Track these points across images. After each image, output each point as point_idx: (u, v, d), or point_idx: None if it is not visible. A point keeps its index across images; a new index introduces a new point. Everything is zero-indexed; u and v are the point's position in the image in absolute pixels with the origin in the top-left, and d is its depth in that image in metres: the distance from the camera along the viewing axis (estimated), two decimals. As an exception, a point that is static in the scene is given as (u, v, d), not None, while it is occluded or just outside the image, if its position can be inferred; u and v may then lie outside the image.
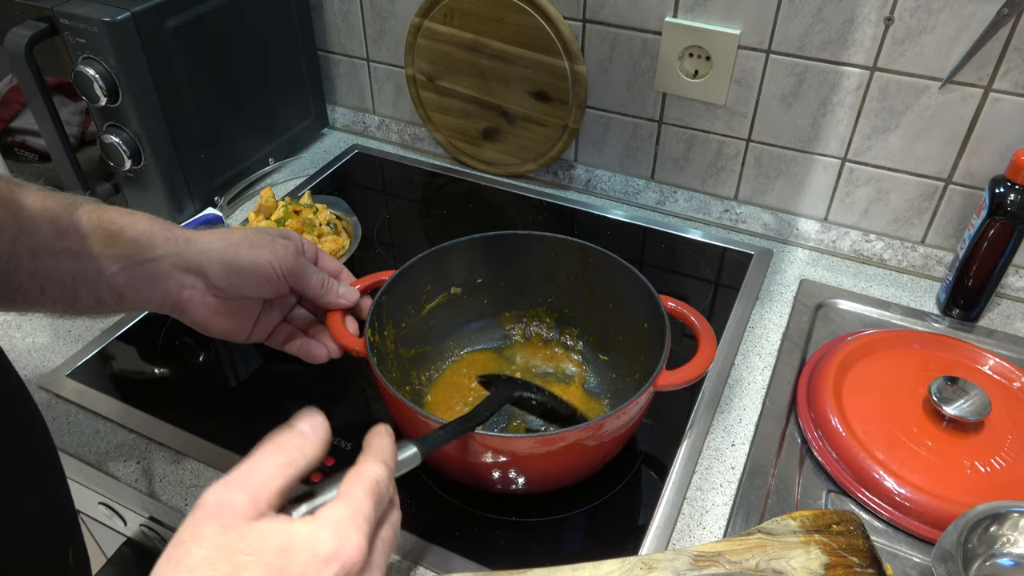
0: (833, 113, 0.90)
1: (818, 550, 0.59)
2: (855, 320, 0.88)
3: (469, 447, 0.60)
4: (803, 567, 0.57)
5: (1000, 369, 0.77)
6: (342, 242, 0.92)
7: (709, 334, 0.67)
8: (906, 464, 0.68)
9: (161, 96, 0.92)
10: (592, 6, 0.96)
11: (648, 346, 0.70)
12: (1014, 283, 0.91)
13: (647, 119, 1.02)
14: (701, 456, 0.73)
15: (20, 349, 0.86)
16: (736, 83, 0.93)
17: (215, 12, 0.96)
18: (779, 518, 0.61)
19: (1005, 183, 0.78)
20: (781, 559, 0.58)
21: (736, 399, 0.78)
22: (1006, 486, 0.66)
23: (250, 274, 0.60)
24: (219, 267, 0.59)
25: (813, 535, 0.60)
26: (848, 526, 0.60)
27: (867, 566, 0.58)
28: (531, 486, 0.66)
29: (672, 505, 0.68)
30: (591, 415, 0.74)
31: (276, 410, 0.79)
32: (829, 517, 0.61)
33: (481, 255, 0.78)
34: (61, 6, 0.85)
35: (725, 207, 1.04)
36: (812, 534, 0.60)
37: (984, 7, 0.78)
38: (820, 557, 0.58)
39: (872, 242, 0.97)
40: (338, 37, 1.18)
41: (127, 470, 0.72)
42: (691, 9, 0.91)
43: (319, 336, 0.69)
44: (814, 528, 0.60)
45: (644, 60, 0.97)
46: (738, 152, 0.99)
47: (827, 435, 0.71)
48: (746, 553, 0.58)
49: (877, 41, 0.84)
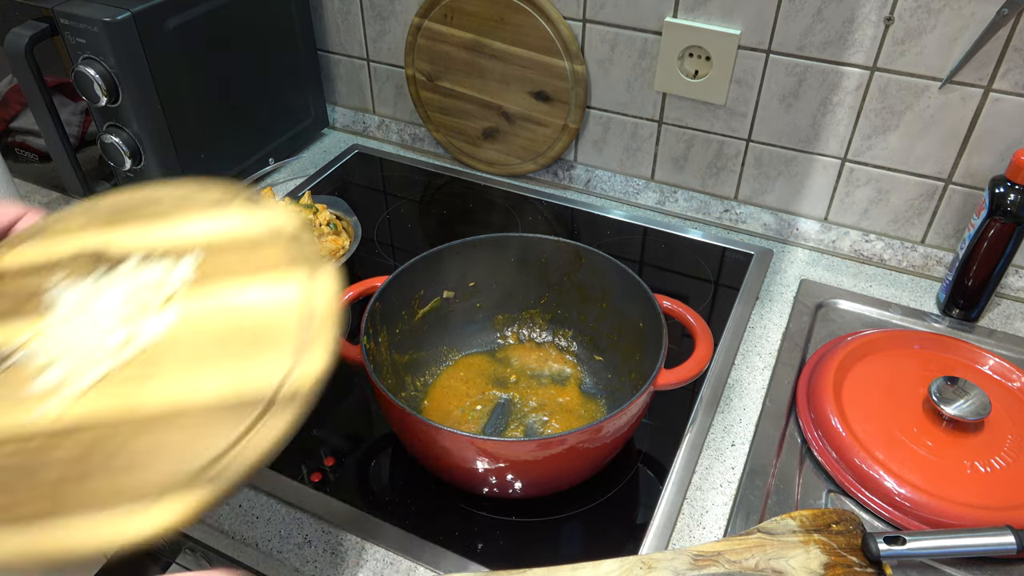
0: (833, 113, 0.90)
1: (817, 550, 0.59)
2: (855, 320, 0.88)
3: (468, 452, 0.60)
4: (803, 567, 0.57)
5: (1000, 369, 0.77)
6: (342, 242, 0.92)
7: (706, 332, 0.67)
8: (906, 464, 0.68)
9: (161, 96, 0.92)
10: (592, 6, 0.96)
11: (643, 345, 0.71)
12: (1014, 283, 0.91)
13: (647, 119, 1.02)
14: (701, 456, 0.73)
15: (20, 349, 0.85)
16: (736, 83, 0.93)
17: (215, 12, 0.96)
18: (779, 518, 0.61)
19: (1005, 183, 0.78)
20: (780, 559, 0.58)
21: (736, 399, 0.78)
22: (1006, 486, 0.66)
23: None
24: None
25: (812, 535, 0.60)
26: (847, 525, 0.60)
27: (867, 565, 0.58)
28: (530, 489, 0.66)
29: (672, 505, 0.68)
30: (588, 416, 0.74)
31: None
32: (828, 516, 0.61)
33: (473, 258, 0.78)
34: (61, 6, 0.85)
35: (725, 207, 1.04)
36: (811, 533, 0.60)
37: (984, 7, 0.78)
38: (820, 556, 0.58)
39: (872, 242, 0.97)
40: (338, 37, 1.18)
41: (127, 470, 0.72)
42: (691, 9, 0.91)
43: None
44: (813, 528, 0.60)
45: (644, 60, 0.97)
46: (738, 152, 0.99)
47: (827, 435, 0.71)
48: (745, 553, 0.58)
49: (877, 41, 0.84)
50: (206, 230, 0.50)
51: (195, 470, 0.37)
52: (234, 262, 0.48)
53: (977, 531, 0.61)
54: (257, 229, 0.50)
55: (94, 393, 0.42)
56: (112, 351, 0.44)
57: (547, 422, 0.74)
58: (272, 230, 0.49)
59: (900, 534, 0.62)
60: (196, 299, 0.46)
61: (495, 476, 0.62)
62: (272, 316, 0.44)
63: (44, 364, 0.44)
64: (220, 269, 0.48)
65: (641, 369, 0.71)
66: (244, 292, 0.46)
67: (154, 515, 0.37)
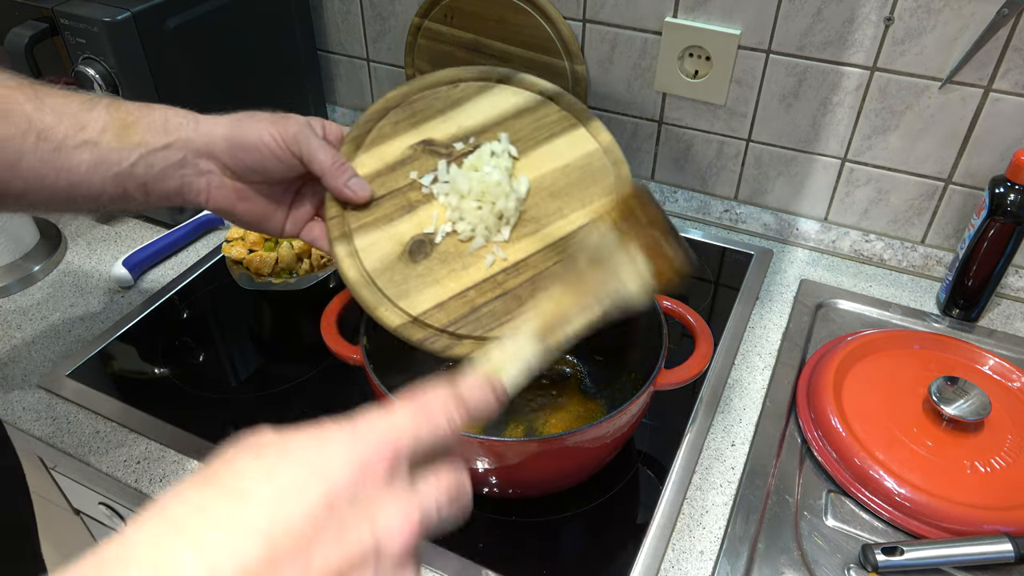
0: (833, 113, 0.90)
1: (636, 248, 0.51)
2: (855, 320, 0.88)
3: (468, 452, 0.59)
4: (632, 277, 0.50)
5: (1000, 369, 0.77)
6: (342, 242, 0.93)
7: (706, 332, 0.67)
8: (906, 464, 0.68)
9: (161, 96, 0.92)
10: (592, 6, 0.96)
11: (643, 345, 0.70)
12: (1014, 283, 0.91)
13: (647, 119, 1.02)
14: (701, 456, 0.73)
15: (20, 349, 0.86)
16: (736, 83, 0.93)
17: (215, 12, 0.96)
18: (597, 236, 0.52)
19: (1005, 183, 0.78)
20: (615, 282, 0.51)
21: (736, 399, 0.78)
22: (1006, 486, 0.66)
23: (254, 148, 0.58)
24: (224, 145, 0.58)
25: (629, 235, 0.52)
26: (642, 199, 0.52)
27: (669, 232, 0.50)
28: (531, 489, 0.66)
29: (672, 505, 0.68)
30: (588, 416, 0.74)
31: (276, 410, 0.79)
32: (628, 203, 0.52)
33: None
34: (61, 6, 0.85)
35: (725, 207, 1.04)
36: (628, 234, 0.52)
37: (984, 7, 0.78)
38: (639, 255, 0.51)
39: (872, 242, 0.97)
40: (338, 37, 1.18)
41: (127, 470, 0.72)
42: (691, 9, 0.91)
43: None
44: (627, 227, 0.52)
45: (644, 60, 0.97)
46: (738, 152, 0.99)
47: (827, 435, 0.71)
48: (588, 297, 0.50)
49: (877, 41, 0.84)
50: (492, 108, 0.66)
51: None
52: (531, 128, 0.65)
53: (975, 540, 0.62)
54: (527, 96, 0.67)
55: (515, 240, 0.61)
56: (501, 214, 0.61)
57: (547, 422, 0.74)
58: (542, 93, 0.67)
59: (898, 544, 0.62)
60: (531, 166, 0.64)
61: (495, 476, 0.62)
62: (588, 161, 0.64)
63: (465, 235, 0.61)
64: (527, 136, 0.65)
65: (641, 369, 0.71)
66: (559, 151, 0.65)
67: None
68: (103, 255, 1.00)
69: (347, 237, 0.61)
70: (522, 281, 0.60)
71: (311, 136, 0.58)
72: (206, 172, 0.59)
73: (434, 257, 0.61)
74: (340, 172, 0.60)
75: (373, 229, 0.61)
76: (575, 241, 0.61)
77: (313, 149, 0.58)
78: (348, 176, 0.60)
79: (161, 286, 0.94)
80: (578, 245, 0.58)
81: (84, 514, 0.93)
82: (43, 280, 0.96)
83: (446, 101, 0.66)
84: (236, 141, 0.57)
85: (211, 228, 1.04)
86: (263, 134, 0.57)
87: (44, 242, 0.99)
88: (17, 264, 0.95)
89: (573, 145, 0.65)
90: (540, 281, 0.60)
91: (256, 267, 0.88)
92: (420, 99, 0.66)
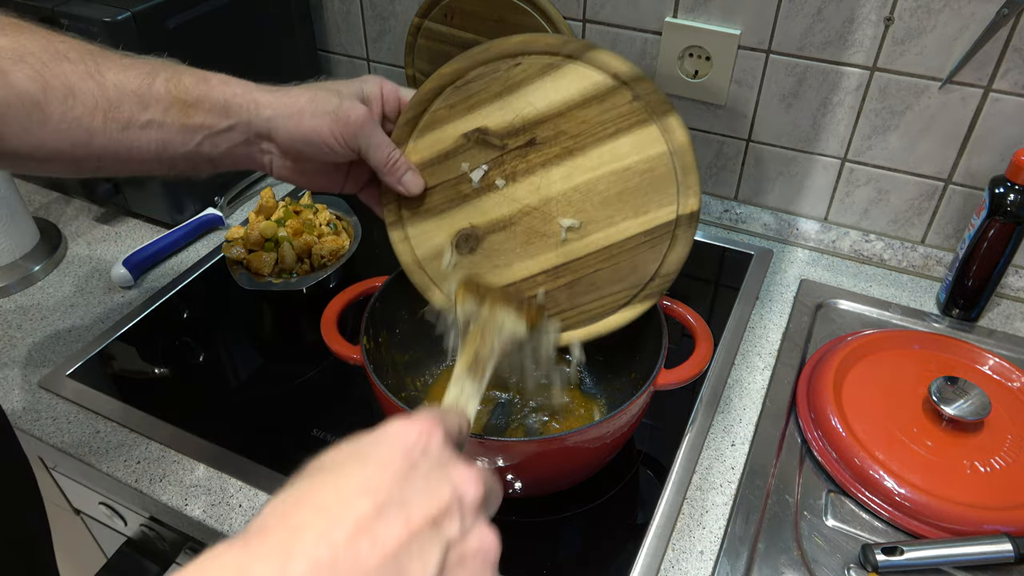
0: (833, 113, 0.90)
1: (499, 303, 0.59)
2: (855, 320, 0.88)
3: (468, 452, 0.59)
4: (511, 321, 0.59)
5: (1000, 369, 0.77)
6: (342, 242, 0.92)
7: (706, 332, 0.67)
8: (906, 464, 0.68)
9: (161, 96, 0.92)
10: (592, 6, 0.96)
11: (643, 345, 0.70)
12: (1014, 283, 0.91)
13: (647, 119, 1.02)
14: (701, 456, 0.73)
15: (20, 349, 0.86)
16: (736, 83, 0.93)
17: (215, 12, 0.96)
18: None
19: (1005, 183, 0.78)
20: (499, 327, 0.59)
21: (736, 399, 0.78)
22: (1006, 486, 0.66)
23: (311, 144, 0.59)
24: (284, 135, 0.59)
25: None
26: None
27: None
28: (530, 489, 0.66)
29: (672, 505, 0.68)
30: (588, 416, 0.74)
31: (276, 410, 0.79)
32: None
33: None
34: (61, 6, 0.85)
35: (725, 207, 1.04)
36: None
37: (984, 7, 0.78)
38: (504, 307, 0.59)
39: (872, 242, 0.97)
40: (338, 37, 1.18)
41: (127, 470, 0.72)
42: (691, 9, 0.91)
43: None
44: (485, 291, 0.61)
45: (644, 60, 0.97)
46: (738, 152, 0.99)
47: (827, 435, 0.71)
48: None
49: (877, 41, 0.84)
50: (556, 94, 0.61)
51: (643, 283, 0.62)
52: (595, 121, 0.61)
53: (975, 540, 0.62)
54: (597, 80, 0.60)
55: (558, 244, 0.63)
56: (562, 220, 0.62)
57: (547, 422, 0.74)
58: (616, 76, 0.60)
59: (898, 544, 0.62)
60: (587, 166, 0.61)
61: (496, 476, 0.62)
62: (651, 167, 0.60)
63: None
64: (588, 132, 0.61)
65: (641, 369, 0.71)
66: (621, 152, 0.61)
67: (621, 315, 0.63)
68: (103, 255, 1.00)
69: (401, 223, 0.67)
70: (560, 285, 0.64)
71: (370, 134, 0.60)
72: (267, 152, 0.61)
73: (479, 252, 0.65)
74: (394, 169, 0.63)
75: (426, 218, 0.66)
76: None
77: (372, 147, 0.61)
78: (401, 173, 0.63)
79: (161, 286, 0.95)
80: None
81: (84, 514, 0.93)
82: (43, 280, 0.96)
83: (504, 83, 0.62)
84: (296, 134, 0.59)
85: (211, 228, 1.04)
86: (322, 131, 0.58)
87: (44, 242, 0.99)
88: (17, 264, 0.95)
89: (638, 146, 0.60)
90: (578, 287, 0.63)
91: (256, 267, 0.88)
92: (477, 77, 0.62)
